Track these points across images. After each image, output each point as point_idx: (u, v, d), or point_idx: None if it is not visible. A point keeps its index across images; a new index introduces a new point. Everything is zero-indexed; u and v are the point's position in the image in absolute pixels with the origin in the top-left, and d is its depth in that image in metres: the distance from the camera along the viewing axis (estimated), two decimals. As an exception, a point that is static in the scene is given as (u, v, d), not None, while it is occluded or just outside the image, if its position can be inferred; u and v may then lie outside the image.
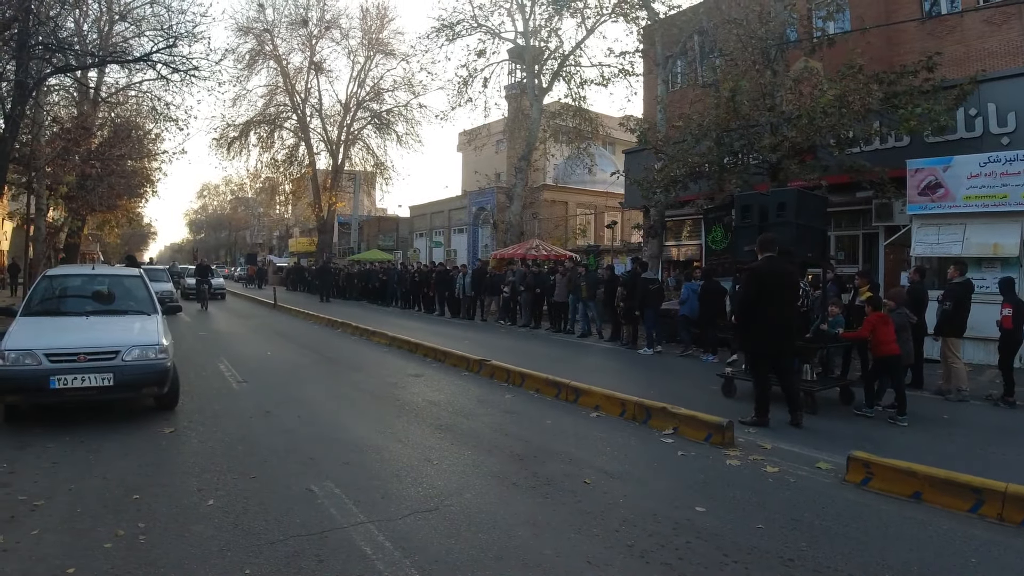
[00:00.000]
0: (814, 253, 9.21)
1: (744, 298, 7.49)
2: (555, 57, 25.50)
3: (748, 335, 7.50)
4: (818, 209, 9.76)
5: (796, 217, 8.78)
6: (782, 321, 7.38)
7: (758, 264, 7.49)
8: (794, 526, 4.58)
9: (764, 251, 7.53)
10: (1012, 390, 8.91)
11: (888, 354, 7.85)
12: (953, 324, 9.29)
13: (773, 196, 9.42)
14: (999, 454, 6.48)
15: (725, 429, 6.58)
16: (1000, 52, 15.00)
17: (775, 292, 7.31)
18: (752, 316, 7.33)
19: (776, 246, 7.61)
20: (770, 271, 7.37)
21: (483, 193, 34.34)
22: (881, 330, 7.90)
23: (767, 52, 14.87)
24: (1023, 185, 11.30)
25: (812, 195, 10.15)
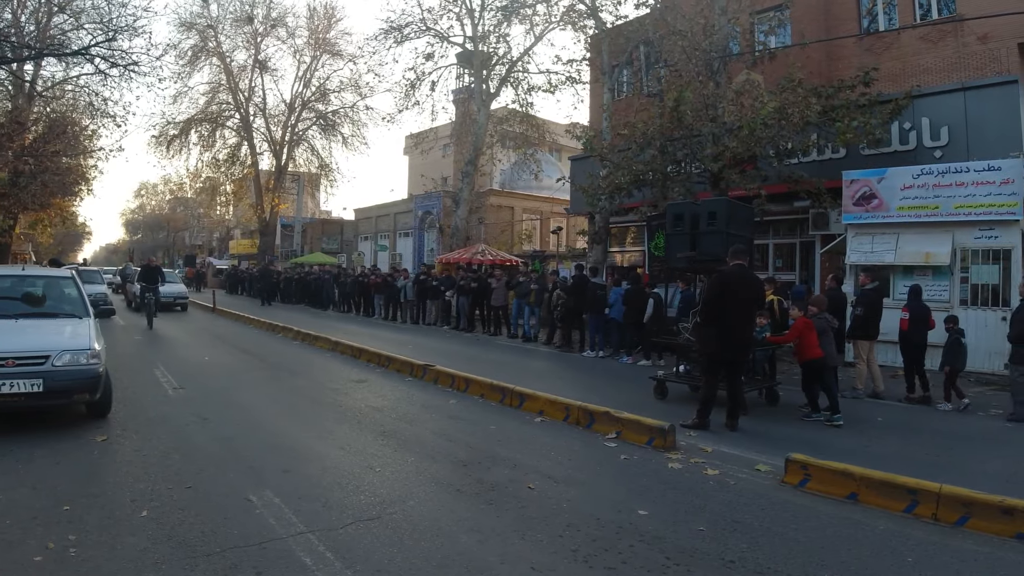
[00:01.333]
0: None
1: (706, 301, 7.68)
2: (503, 63, 25.55)
3: (709, 337, 7.63)
4: (746, 219, 10.17)
5: (727, 226, 9.10)
6: (743, 328, 7.60)
7: (726, 269, 7.73)
8: (735, 528, 4.64)
9: (735, 259, 7.78)
10: (914, 388, 9.53)
11: (812, 358, 8.12)
12: (865, 328, 9.73)
13: (705, 205, 9.73)
14: (932, 455, 6.72)
15: (667, 433, 6.65)
16: (935, 68, 15.64)
17: (738, 298, 7.50)
18: (715, 319, 7.49)
19: (747, 256, 7.87)
20: (738, 278, 7.58)
21: (429, 197, 34.13)
22: (807, 336, 8.14)
23: (711, 64, 15.17)
24: (954, 197, 11.77)
25: (741, 205, 10.54)
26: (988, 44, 14.91)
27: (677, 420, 7.31)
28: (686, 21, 15.57)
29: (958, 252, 11.71)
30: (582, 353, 14.33)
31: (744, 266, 7.77)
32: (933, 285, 11.82)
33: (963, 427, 8.16)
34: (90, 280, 19.29)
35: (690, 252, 9.56)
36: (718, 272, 7.85)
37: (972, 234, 11.61)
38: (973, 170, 11.71)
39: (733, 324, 7.44)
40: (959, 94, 14.18)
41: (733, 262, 7.76)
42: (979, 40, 14.98)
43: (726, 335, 7.43)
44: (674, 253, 10.02)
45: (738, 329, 7.50)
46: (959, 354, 9.19)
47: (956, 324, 9.44)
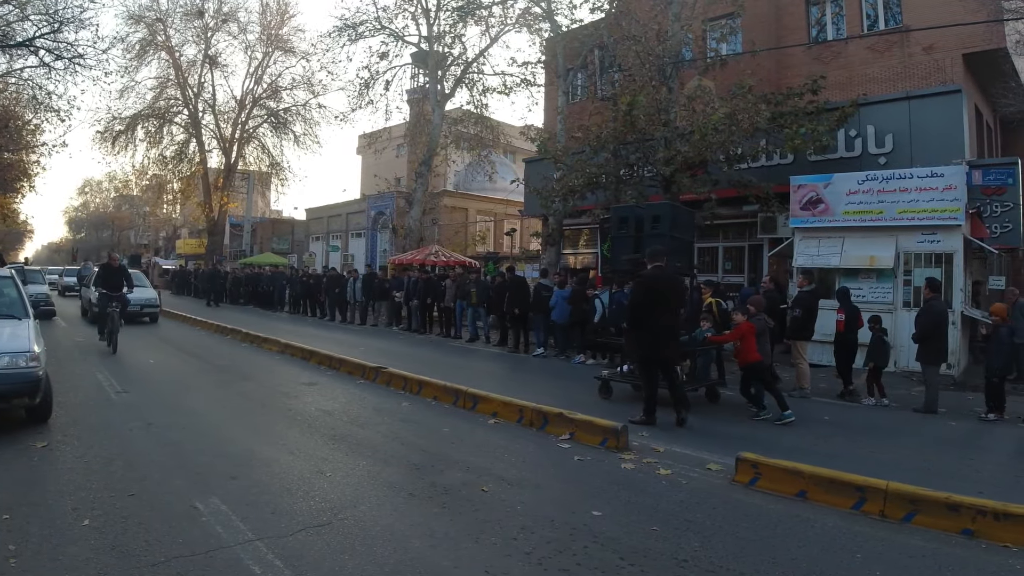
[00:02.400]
0: (683, 263, 9.77)
1: (636, 305, 7.83)
2: (458, 63, 25.45)
3: (640, 340, 7.82)
4: (688, 222, 10.48)
5: (669, 229, 9.35)
6: (670, 327, 7.82)
7: (648, 272, 7.90)
8: (687, 527, 4.67)
9: (653, 261, 7.96)
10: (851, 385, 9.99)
11: (752, 361, 8.33)
12: (802, 329, 10.07)
13: (649, 209, 10.04)
14: (877, 452, 6.88)
15: (620, 433, 6.68)
16: (881, 78, 16.14)
17: (664, 299, 7.73)
18: (643, 322, 7.69)
19: (664, 257, 8.05)
20: (660, 279, 7.81)
21: (382, 197, 33.80)
22: (748, 339, 8.35)
23: (663, 69, 15.36)
24: (898, 202, 12.14)
25: (684, 209, 10.90)
26: (933, 54, 15.46)
27: (623, 418, 7.37)
28: (640, 27, 15.74)
29: (901, 256, 12.09)
30: (532, 354, 14.42)
31: (663, 267, 7.98)
32: (877, 288, 12.19)
33: (907, 424, 8.43)
34: (32, 280, 18.43)
35: (634, 255, 9.72)
36: (641, 276, 8.06)
37: (915, 239, 11.99)
38: (916, 176, 12.10)
39: (660, 325, 7.66)
40: (904, 103, 14.68)
41: (652, 264, 7.96)
42: (924, 51, 15.52)
43: (654, 336, 7.65)
44: (618, 256, 10.26)
45: (665, 329, 7.72)
46: (882, 352, 9.72)
47: (879, 324, 9.93)
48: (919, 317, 9.39)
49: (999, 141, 20.11)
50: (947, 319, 9.58)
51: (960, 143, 14.12)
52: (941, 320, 9.25)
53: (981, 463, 6.75)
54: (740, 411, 8.73)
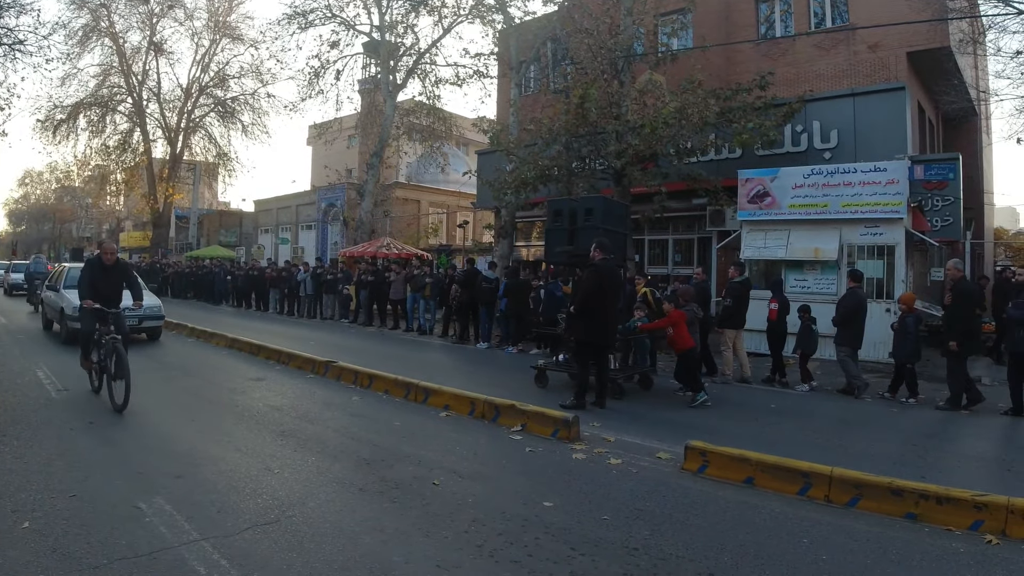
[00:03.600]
0: (616, 255, 9.86)
1: (586, 292, 8.12)
2: (411, 54, 25.18)
3: (583, 327, 8.12)
4: (621, 215, 10.83)
5: (602, 222, 9.58)
6: (612, 315, 8.26)
7: (600, 262, 8.18)
8: (638, 516, 4.70)
9: (601, 252, 8.26)
10: (784, 372, 10.51)
11: (687, 348, 8.70)
12: (733, 318, 10.52)
13: (582, 202, 10.26)
14: (823, 439, 7.07)
15: (571, 424, 6.71)
16: (827, 75, 16.51)
17: (610, 289, 8.11)
18: (591, 309, 8.01)
19: (609, 249, 8.39)
20: (608, 270, 8.20)
21: (333, 189, 33.29)
22: (679, 327, 8.72)
23: (615, 63, 15.44)
24: (842, 196, 12.45)
25: (616, 202, 11.20)
26: (878, 52, 15.86)
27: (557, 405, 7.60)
28: (593, 20, 15.79)
29: (845, 248, 12.39)
30: (476, 345, 14.65)
31: (609, 258, 8.31)
32: (822, 279, 12.50)
33: (850, 412, 8.69)
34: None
35: (567, 247, 9.95)
36: (593, 266, 8.29)
37: (859, 231, 12.31)
38: (860, 171, 12.42)
39: (605, 313, 8.06)
40: (849, 99, 15.07)
41: (600, 256, 8.23)
42: (869, 48, 15.91)
43: (599, 324, 8.02)
44: (552, 248, 10.52)
45: (609, 318, 8.16)
46: (810, 339, 10.17)
47: (808, 313, 10.31)
48: (840, 303, 9.94)
49: (941, 137, 20.78)
50: (866, 307, 10.00)
51: (903, 139, 14.55)
52: (860, 308, 9.75)
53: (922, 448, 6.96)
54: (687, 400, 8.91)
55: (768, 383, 10.41)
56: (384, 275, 18.24)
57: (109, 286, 8.26)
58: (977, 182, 21.05)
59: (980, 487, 4.97)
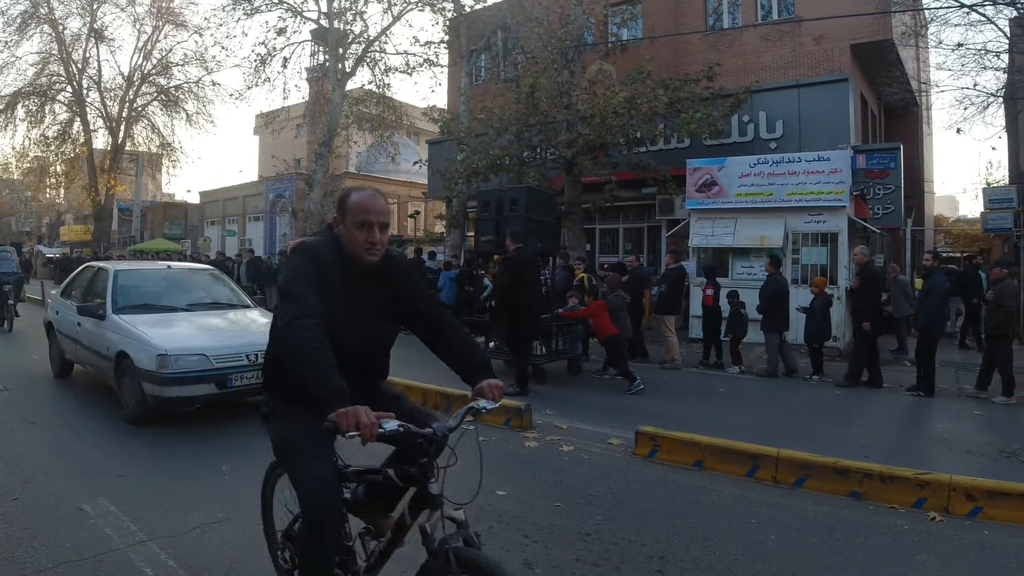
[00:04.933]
0: (544, 244, 10.15)
1: (502, 286, 8.40)
2: (360, 41, 24.76)
3: (509, 317, 8.38)
4: (549, 205, 11.03)
5: (527, 212, 9.73)
6: (534, 303, 8.49)
7: (514, 255, 8.38)
8: (590, 501, 4.73)
9: (516, 242, 8.41)
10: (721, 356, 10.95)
11: (610, 335, 8.91)
12: (668, 304, 10.89)
13: (508, 193, 10.44)
14: (770, 421, 7.20)
15: (524, 413, 6.73)
16: (773, 66, 16.81)
17: (528, 278, 8.36)
18: (511, 300, 8.25)
19: (525, 238, 8.59)
20: (524, 260, 8.38)
21: (281, 180, 32.64)
22: (600, 315, 8.94)
23: (565, 53, 15.46)
24: (787, 185, 12.72)
25: (543, 192, 11.43)
26: (822, 45, 16.20)
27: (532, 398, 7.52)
28: (543, 9, 15.78)
29: (790, 235, 12.68)
30: None
31: (524, 248, 8.46)
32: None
33: (794, 395, 8.97)
34: None
35: (494, 236, 10.08)
36: (508, 259, 8.53)
37: (803, 219, 12.60)
38: (804, 160, 12.70)
39: (526, 303, 8.29)
40: (794, 91, 15.40)
41: (515, 246, 8.38)
42: (814, 41, 16.24)
43: (520, 313, 8.25)
44: (480, 237, 10.75)
45: (531, 307, 8.37)
46: (740, 324, 10.59)
47: (738, 298, 10.69)
48: (762, 290, 10.28)
49: (883, 127, 21.38)
50: (787, 292, 10.38)
51: (846, 129, 14.92)
52: (782, 293, 10.14)
53: (860, 428, 7.16)
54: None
55: (704, 366, 10.80)
56: None
57: None
58: (918, 171, 21.74)
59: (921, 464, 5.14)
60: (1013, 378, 8.60)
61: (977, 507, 4.62)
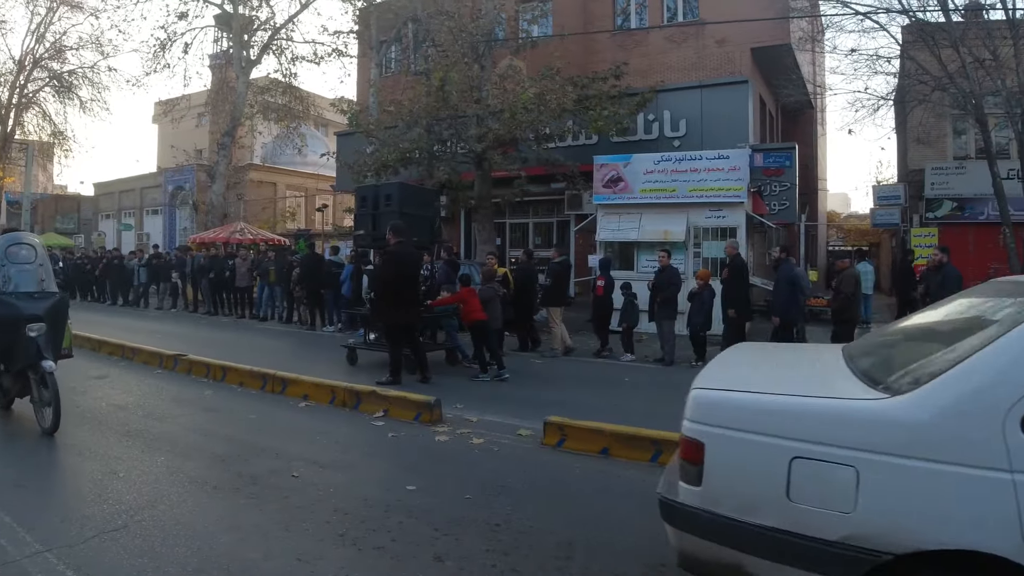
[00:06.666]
0: (420, 238, 10.26)
1: (381, 279, 8.53)
2: (266, 28, 24.04)
3: (386, 310, 8.52)
4: (426, 200, 11.31)
5: (400, 207, 9.93)
6: (414, 296, 8.67)
7: (393, 248, 8.51)
8: (500, 492, 4.82)
9: (396, 236, 8.54)
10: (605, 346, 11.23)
11: (476, 320, 9.14)
12: (553, 296, 11.34)
13: (383, 188, 10.70)
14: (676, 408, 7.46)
15: (433, 407, 6.76)
16: (677, 67, 17.39)
17: (407, 272, 8.50)
18: (390, 293, 8.37)
19: (405, 232, 8.71)
20: (404, 253, 8.52)
21: (181, 171, 31.31)
22: (469, 301, 9.19)
23: (476, 47, 15.49)
24: (689, 181, 13.23)
25: (418, 188, 11.82)
26: (724, 47, 16.90)
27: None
28: (454, 3, 15.76)
29: (692, 230, 13.19)
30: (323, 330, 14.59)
31: (404, 242, 8.61)
32: (672, 259, 13.21)
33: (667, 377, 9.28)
34: None
35: (371, 231, 10.24)
36: (386, 252, 8.70)
37: (704, 214, 13.15)
38: (705, 158, 13.25)
39: (405, 295, 8.44)
40: (697, 91, 16.00)
41: (395, 240, 8.53)
42: (717, 43, 16.92)
43: (400, 305, 8.38)
44: (356, 232, 10.94)
45: (409, 299, 8.53)
46: (632, 314, 11.03)
47: (630, 289, 11.14)
48: (659, 281, 10.71)
49: (780, 127, 22.46)
50: (680, 283, 10.91)
51: (745, 129, 15.61)
52: (676, 283, 10.69)
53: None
54: (549, 379, 9.35)
55: (596, 355, 11.19)
56: (226, 262, 17.43)
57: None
58: (812, 169, 23.03)
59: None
60: None
61: None
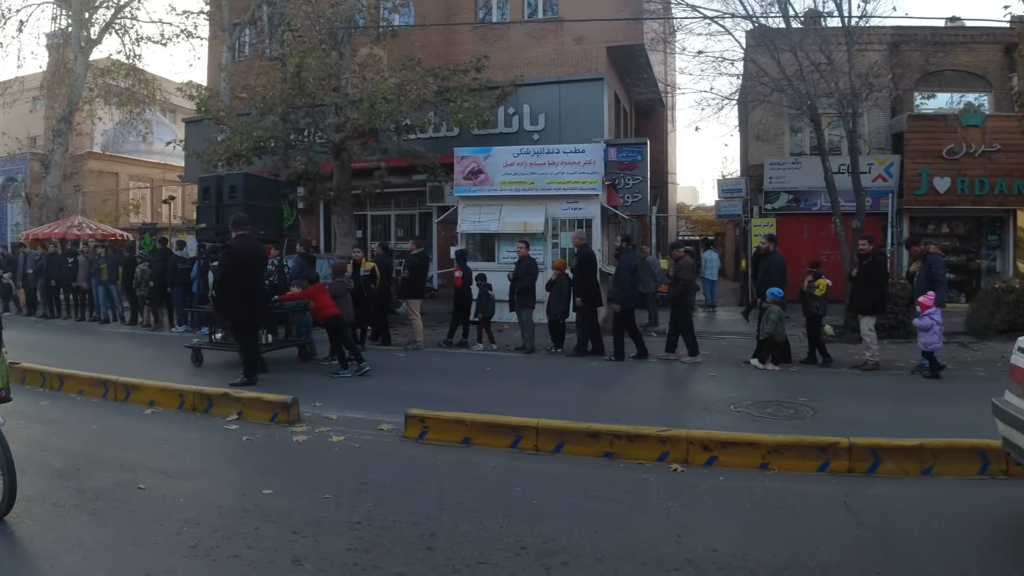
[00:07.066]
0: (267, 231, 10.15)
1: (223, 274, 8.23)
2: (108, 6, 22.21)
3: (230, 306, 8.24)
4: (273, 191, 11.09)
5: (245, 199, 9.74)
6: (259, 292, 8.44)
7: (234, 242, 8.23)
8: (361, 490, 4.81)
9: (239, 229, 8.26)
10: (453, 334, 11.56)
11: (330, 315, 9.00)
12: (411, 288, 11.43)
13: (227, 179, 10.42)
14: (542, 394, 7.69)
15: (290, 406, 6.62)
16: (537, 62, 17.79)
17: (251, 266, 8.25)
18: (235, 288, 8.07)
19: (248, 225, 8.41)
20: (246, 248, 8.23)
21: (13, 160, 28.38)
22: (319, 297, 9.09)
23: (335, 34, 15.10)
24: (547, 174, 13.67)
25: (265, 179, 11.59)
26: (582, 45, 17.49)
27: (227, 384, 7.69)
28: (313, -14, 15.25)
29: (550, 221, 13.65)
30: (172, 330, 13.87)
31: (247, 236, 8.34)
32: (531, 250, 13.59)
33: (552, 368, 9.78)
34: None
35: (215, 224, 9.97)
36: (227, 247, 8.42)
37: (561, 206, 13.65)
38: (563, 152, 13.74)
39: (250, 291, 8.19)
40: (556, 86, 16.50)
41: (237, 233, 8.27)
42: (575, 41, 17.48)
43: (245, 302, 8.12)
44: (199, 225, 10.66)
45: (255, 294, 8.30)
46: (488, 304, 11.40)
47: (486, 280, 11.51)
48: (518, 271, 11.02)
49: (633, 124, 23.54)
50: (537, 273, 11.28)
51: (600, 124, 16.25)
52: (533, 273, 11.05)
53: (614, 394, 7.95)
54: (409, 371, 9.43)
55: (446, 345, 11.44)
56: (66, 260, 16.09)
57: None
58: (663, 164, 24.30)
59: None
60: (696, 340, 10.17)
61: (712, 456, 5.38)
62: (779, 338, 9.37)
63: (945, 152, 15.99)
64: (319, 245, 18.46)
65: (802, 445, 5.37)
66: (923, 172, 16.13)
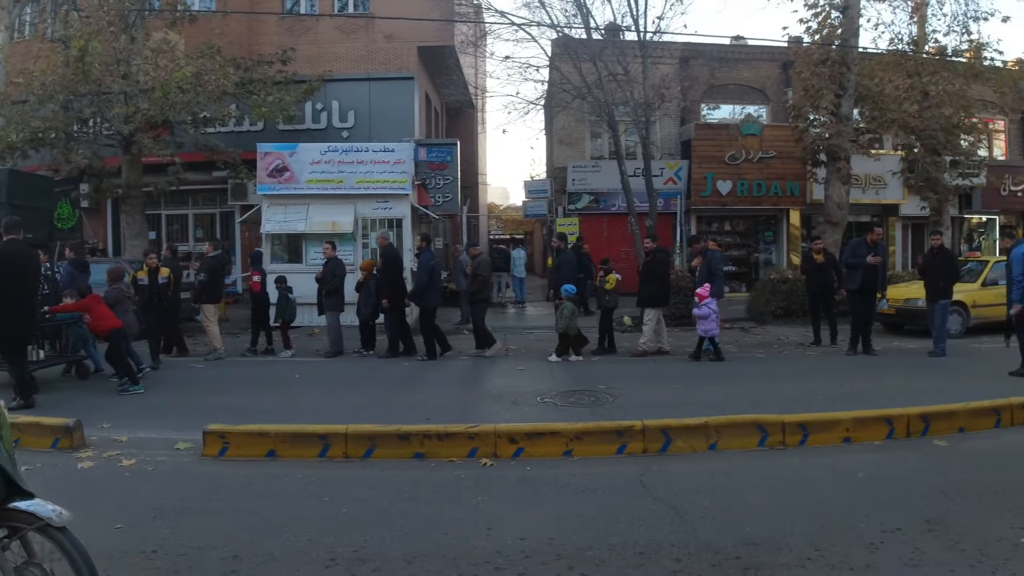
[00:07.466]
0: (36, 234, 9.14)
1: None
2: None
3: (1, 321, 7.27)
4: (42, 189, 10.14)
5: (10, 197, 8.88)
6: (31, 302, 7.62)
7: (5, 247, 7.35)
8: (156, 515, 4.48)
9: (9, 233, 7.42)
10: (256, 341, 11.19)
11: (111, 328, 8.27)
12: (209, 293, 10.88)
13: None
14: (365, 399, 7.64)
15: (73, 430, 6.00)
16: (347, 58, 17.45)
17: (22, 275, 7.39)
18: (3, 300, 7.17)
19: (21, 229, 7.60)
20: (14, 253, 7.35)
21: None
22: (94, 309, 8.34)
23: (126, 15, 13.86)
24: (356, 173, 13.47)
25: (32, 176, 10.68)
26: (393, 43, 17.40)
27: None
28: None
29: (360, 221, 13.48)
30: None
31: (18, 240, 7.58)
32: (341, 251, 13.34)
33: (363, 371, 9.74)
34: None
35: None
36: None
37: (371, 206, 13.54)
38: (372, 150, 13.62)
39: (17, 303, 7.30)
40: (366, 83, 16.34)
41: (7, 237, 7.48)
42: (386, 38, 17.35)
43: (15, 316, 7.27)
44: None
45: (27, 305, 7.48)
46: (288, 308, 11.19)
47: (285, 283, 11.30)
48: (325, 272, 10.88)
49: (444, 124, 23.81)
50: (344, 274, 11.17)
51: (411, 123, 16.33)
52: (340, 274, 10.93)
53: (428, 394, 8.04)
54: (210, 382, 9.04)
55: (251, 353, 11.05)
56: None
57: None
58: (474, 164, 24.84)
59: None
60: (490, 334, 10.64)
61: (520, 448, 5.62)
62: (572, 332, 10.04)
63: (727, 158, 17.90)
64: (107, 248, 16.88)
65: (601, 431, 5.80)
66: (708, 176, 17.95)
